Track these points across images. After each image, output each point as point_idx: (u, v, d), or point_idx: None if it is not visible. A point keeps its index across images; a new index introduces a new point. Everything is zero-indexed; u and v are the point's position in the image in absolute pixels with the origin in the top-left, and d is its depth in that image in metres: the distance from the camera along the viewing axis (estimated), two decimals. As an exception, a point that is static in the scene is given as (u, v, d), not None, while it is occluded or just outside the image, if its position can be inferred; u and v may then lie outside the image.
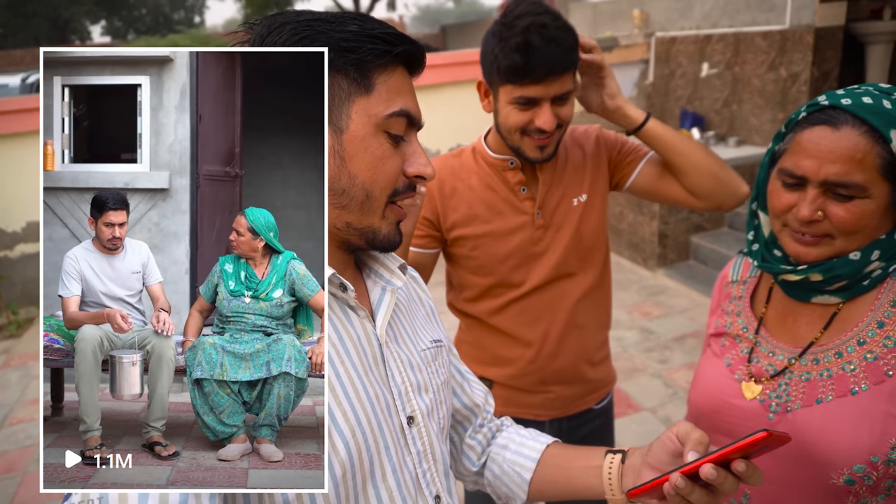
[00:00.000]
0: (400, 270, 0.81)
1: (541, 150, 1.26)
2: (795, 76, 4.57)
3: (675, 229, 4.57)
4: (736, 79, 5.07)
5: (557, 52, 1.16)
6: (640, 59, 6.06)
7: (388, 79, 0.70)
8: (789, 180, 0.90)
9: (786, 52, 4.60)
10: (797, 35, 4.50)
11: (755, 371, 0.99)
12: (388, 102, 0.70)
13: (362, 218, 0.72)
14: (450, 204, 1.35)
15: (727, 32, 5.09)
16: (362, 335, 0.74)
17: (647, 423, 2.94)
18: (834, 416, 0.88)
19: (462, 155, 1.41)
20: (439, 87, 5.59)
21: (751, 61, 4.90)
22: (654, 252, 4.58)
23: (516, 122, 1.23)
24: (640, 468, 0.79)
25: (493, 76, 1.24)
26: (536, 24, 1.15)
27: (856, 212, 0.85)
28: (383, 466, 0.72)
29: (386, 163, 0.71)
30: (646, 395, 3.13)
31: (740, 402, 0.98)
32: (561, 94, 1.21)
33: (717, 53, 5.21)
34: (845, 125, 0.84)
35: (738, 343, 1.04)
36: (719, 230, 4.66)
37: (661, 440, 0.78)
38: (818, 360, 0.93)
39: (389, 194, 0.72)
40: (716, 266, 4.40)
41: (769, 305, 1.03)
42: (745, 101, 5.03)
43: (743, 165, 4.62)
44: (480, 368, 1.43)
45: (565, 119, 1.25)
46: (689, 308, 4.08)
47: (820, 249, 0.89)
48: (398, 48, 0.69)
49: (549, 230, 1.36)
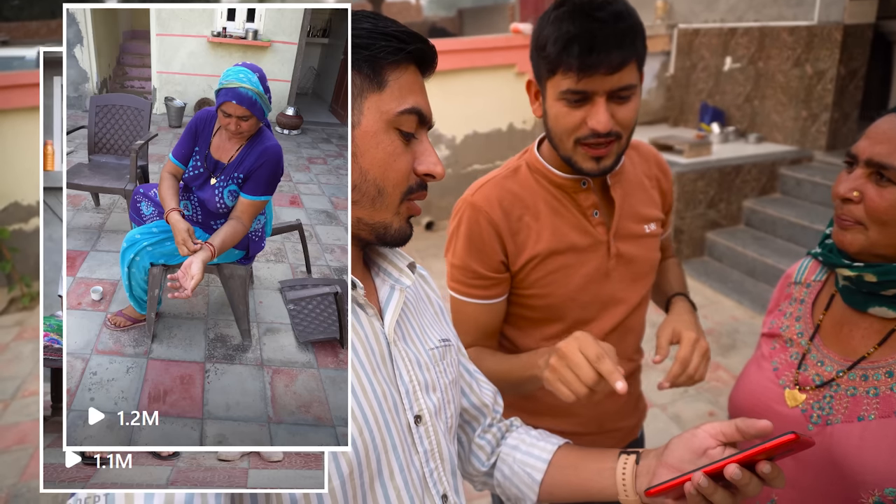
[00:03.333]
0: (409, 269, 0.81)
1: (597, 162, 1.05)
2: (821, 74, 4.49)
3: (692, 225, 4.52)
4: (759, 74, 4.99)
5: (620, 34, 0.96)
6: (661, 50, 5.97)
7: (400, 76, 0.70)
8: (847, 160, 0.90)
9: (812, 48, 4.51)
10: (825, 31, 4.41)
11: (801, 379, 0.97)
12: (400, 100, 0.70)
13: (374, 213, 0.72)
14: (519, 239, 1.12)
15: (752, 26, 5.00)
16: (370, 333, 0.74)
17: (658, 419, 2.93)
18: (874, 435, 0.86)
19: (518, 174, 1.16)
20: (456, 73, 5.54)
21: (775, 57, 4.81)
22: (669, 247, 4.54)
23: (566, 125, 1.03)
24: (655, 468, 0.78)
25: (541, 68, 1.05)
26: (596, 1, 0.97)
27: (890, 199, 0.83)
28: (391, 465, 0.72)
29: (397, 160, 0.71)
30: (657, 392, 3.11)
31: (782, 408, 0.97)
32: (619, 88, 0.99)
33: (741, 47, 5.12)
34: None
35: (788, 347, 1.02)
36: (735, 227, 4.61)
37: (682, 438, 0.76)
38: (867, 376, 0.90)
39: (403, 192, 0.73)
40: (730, 263, 4.36)
41: (827, 313, 1.00)
42: (767, 97, 4.95)
43: (762, 163, 4.56)
44: (526, 418, 1.20)
45: (625, 121, 1.03)
46: (702, 305, 4.05)
47: (853, 235, 0.88)
48: (410, 46, 0.70)
49: (622, 261, 1.17)
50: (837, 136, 4.58)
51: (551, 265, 1.13)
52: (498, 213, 1.11)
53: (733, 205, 4.60)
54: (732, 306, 3.98)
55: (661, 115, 6.20)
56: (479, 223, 1.11)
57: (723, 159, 4.56)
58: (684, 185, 4.40)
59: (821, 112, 4.56)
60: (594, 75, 0.98)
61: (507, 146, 5.98)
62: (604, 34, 0.95)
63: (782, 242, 4.26)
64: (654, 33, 5.89)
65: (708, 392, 3.10)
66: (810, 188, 4.39)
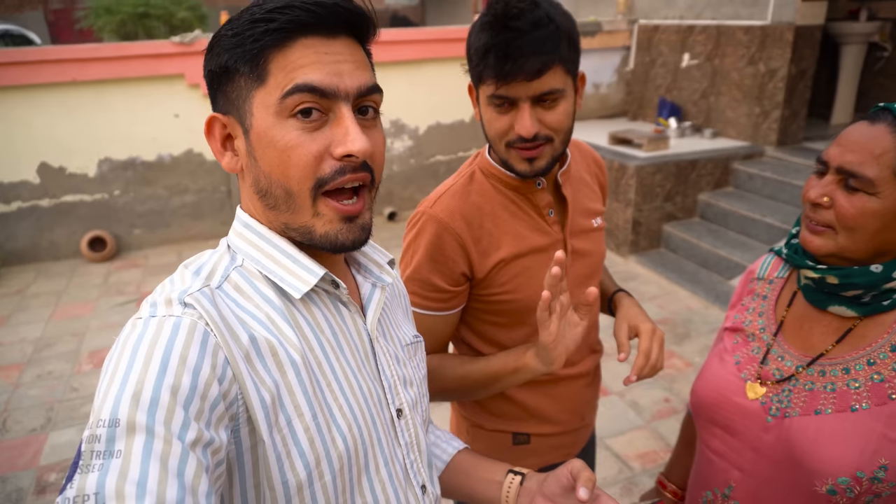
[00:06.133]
0: (389, 266, 0.82)
1: (529, 163, 1.06)
2: (773, 72, 4.65)
3: (649, 217, 4.65)
4: (715, 71, 5.14)
5: (536, 42, 0.97)
6: (622, 45, 6.07)
7: (284, 59, 0.63)
8: (818, 167, 0.93)
9: (766, 47, 4.67)
10: (778, 31, 4.56)
11: (763, 373, 1.00)
12: (283, 84, 0.63)
13: (294, 217, 0.68)
14: (482, 247, 1.12)
15: (710, 24, 5.14)
16: (353, 330, 0.75)
17: (616, 406, 3.02)
18: (830, 428, 0.89)
19: (474, 181, 1.16)
20: (419, 64, 5.53)
21: (731, 54, 4.96)
22: (627, 239, 4.65)
23: (497, 129, 1.05)
24: (534, 495, 0.85)
25: (472, 75, 1.07)
26: (512, 11, 0.98)
27: (858, 206, 0.86)
28: (376, 459, 0.74)
29: (295, 151, 0.64)
30: (614, 379, 3.21)
31: (742, 400, 1.00)
32: (543, 93, 1.00)
33: (699, 44, 5.26)
34: (882, 122, 0.86)
35: (751, 342, 1.05)
36: (691, 220, 4.76)
37: (556, 474, 0.83)
38: (825, 372, 0.94)
39: (312, 186, 0.65)
40: (685, 255, 4.51)
41: (790, 310, 1.03)
42: (722, 93, 5.11)
43: (717, 157, 4.71)
44: (514, 424, 1.27)
45: (554, 125, 1.03)
46: (658, 295, 4.17)
47: (822, 240, 0.90)
48: (277, 21, 0.62)
49: (577, 257, 1.20)
50: (787, 133, 4.76)
51: (516, 268, 1.14)
52: (460, 224, 1.10)
53: (689, 198, 4.74)
54: (687, 296, 4.11)
55: (620, 108, 6.32)
56: (441, 237, 1.09)
57: (679, 153, 4.69)
58: (643, 179, 4.51)
59: (772, 109, 4.73)
60: (513, 82, 0.99)
61: (471, 137, 6.00)
62: (518, 43, 0.96)
63: (734, 235, 4.41)
64: (615, 28, 5.98)
65: (663, 379, 3.21)
66: (761, 182, 4.55)
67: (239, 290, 0.68)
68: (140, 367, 0.56)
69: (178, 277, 0.67)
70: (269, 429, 0.63)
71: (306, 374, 0.67)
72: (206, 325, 0.61)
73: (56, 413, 3.06)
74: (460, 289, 1.13)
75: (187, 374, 0.57)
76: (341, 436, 0.68)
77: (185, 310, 0.61)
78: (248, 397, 0.62)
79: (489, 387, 1.13)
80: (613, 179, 4.70)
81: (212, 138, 0.70)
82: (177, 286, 0.65)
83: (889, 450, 0.85)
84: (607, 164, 4.73)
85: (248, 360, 0.63)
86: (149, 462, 0.51)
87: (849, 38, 5.18)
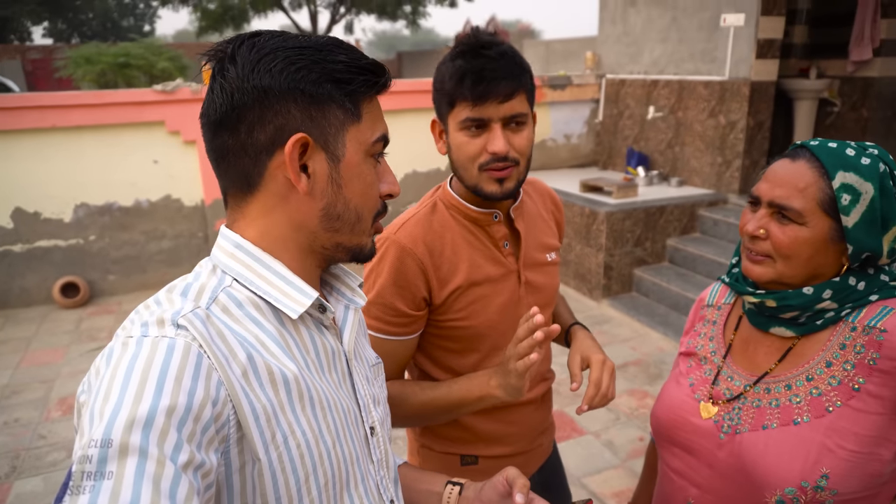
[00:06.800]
0: (359, 288, 0.86)
1: (500, 184, 1.14)
2: (733, 124, 4.91)
3: (620, 262, 4.78)
4: (679, 123, 5.40)
5: (505, 68, 1.09)
6: (591, 97, 6.35)
7: (370, 105, 0.74)
8: (750, 200, 1.02)
9: (725, 101, 4.94)
10: (735, 86, 4.85)
11: (714, 393, 1.06)
12: (373, 128, 0.74)
13: (353, 238, 0.76)
14: (441, 273, 1.18)
15: (672, 79, 5.43)
16: (334, 352, 0.78)
17: (591, 446, 3.05)
18: (775, 441, 0.95)
19: (437, 211, 1.23)
20: (397, 114, 5.69)
21: (693, 107, 5.23)
22: (600, 283, 4.77)
23: (468, 153, 1.13)
24: (472, 502, 0.91)
25: (442, 104, 1.16)
26: (483, 42, 1.11)
27: (791, 235, 0.95)
28: (355, 475, 0.77)
29: (374, 186, 0.76)
30: (590, 420, 3.25)
31: (697, 420, 1.06)
32: (512, 115, 1.11)
33: (663, 98, 5.54)
34: (801, 159, 0.96)
35: (703, 364, 1.12)
36: (660, 264, 4.91)
37: (492, 482, 0.90)
38: (770, 389, 1.00)
39: (375, 215, 0.78)
40: (656, 298, 4.62)
41: (737, 333, 1.10)
42: (687, 143, 5.35)
43: (683, 204, 4.90)
44: (461, 447, 1.32)
45: (520, 148, 1.13)
46: (631, 337, 4.26)
47: (763, 268, 0.99)
48: (381, 79, 0.74)
49: (531, 289, 1.27)
50: (748, 181, 5.00)
51: (471, 296, 1.20)
52: (422, 251, 1.16)
53: (658, 243, 4.90)
54: (659, 338, 4.20)
55: (591, 158, 6.55)
56: (404, 262, 1.15)
57: (648, 200, 4.87)
58: (613, 225, 4.66)
59: (733, 159, 4.97)
60: (486, 103, 1.09)
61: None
62: (492, 67, 1.08)
63: (701, 278, 4.56)
64: (584, 82, 6.27)
65: (637, 419, 3.25)
66: (725, 228, 4.74)
67: (227, 312, 0.68)
68: (135, 388, 0.56)
69: (165, 299, 0.67)
70: (265, 446, 0.65)
71: (297, 392, 0.69)
72: (200, 348, 0.61)
73: (22, 461, 2.98)
74: (420, 313, 1.18)
75: (182, 395, 0.57)
76: (327, 452, 0.71)
77: (179, 331, 0.61)
78: (244, 416, 0.63)
79: (450, 413, 1.19)
80: (585, 225, 4.84)
81: (292, 157, 0.69)
82: (166, 307, 0.65)
83: (829, 459, 0.90)
84: (578, 210, 4.88)
85: (245, 378, 0.64)
86: (141, 484, 0.51)
87: (801, 94, 5.51)
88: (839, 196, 0.92)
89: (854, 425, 0.91)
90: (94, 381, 0.59)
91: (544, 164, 6.37)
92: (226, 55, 0.69)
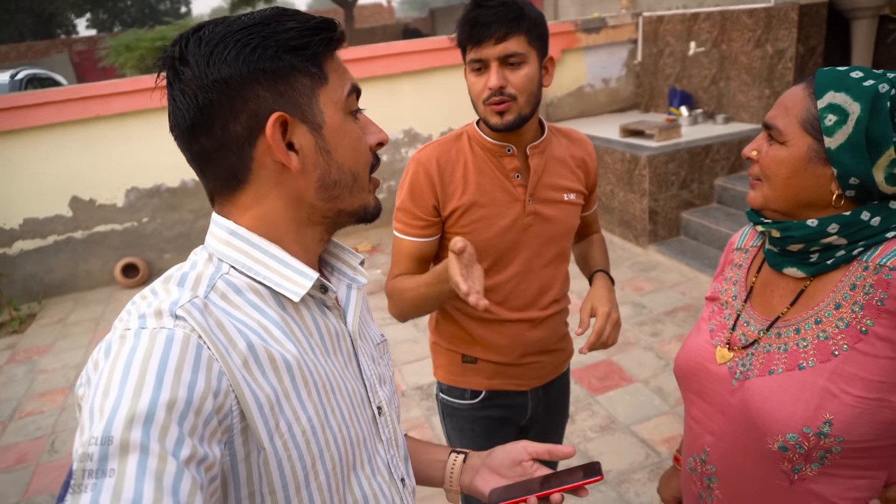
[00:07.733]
0: (360, 266, 0.84)
1: (500, 116, 1.29)
2: (781, 53, 4.62)
3: (666, 206, 4.64)
4: (723, 56, 5.12)
5: (500, 13, 1.22)
6: (628, 39, 6.09)
7: (332, 63, 0.71)
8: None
9: (771, 29, 4.64)
10: (782, 12, 4.54)
11: (732, 339, 1.04)
12: (342, 84, 0.72)
13: (353, 200, 0.75)
14: (449, 190, 1.37)
15: (713, 11, 5.13)
16: (338, 333, 0.77)
17: (640, 393, 3.03)
18: (779, 387, 0.92)
19: (460, 140, 1.42)
20: (429, 72, 5.62)
21: (737, 39, 4.95)
22: (645, 229, 4.66)
23: (475, 90, 1.30)
24: (478, 468, 0.93)
25: (459, 46, 1.32)
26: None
27: (772, 155, 0.94)
28: (362, 456, 0.76)
29: (361, 141, 0.74)
30: (639, 368, 3.23)
31: (712, 366, 1.04)
32: (506, 55, 1.24)
33: (704, 32, 5.25)
34: (803, 83, 0.94)
35: (724, 310, 1.09)
36: (709, 206, 4.74)
37: (505, 449, 0.92)
38: (780, 333, 0.97)
39: (369, 169, 0.76)
40: (706, 241, 4.49)
41: (758, 276, 1.07)
42: (732, 78, 5.09)
43: (731, 142, 4.69)
44: (462, 347, 1.51)
45: (518, 84, 1.27)
46: (680, 282, 4.16)
47: (755, 192, 0.98)
48: (336, 32, 0.71)
49: (539, 219, 1.41)
50: (801, 112, 4.72)
51: (475, 214, 1.37)
52: (434, 167, 1.37)
53: (705, 184, 4.72)
54: (708, 281, 4.09)
55: (631, 101, 6.33)
56: (418, 173, 1.37)
57: (692, 140, 4.69)
58: (656, 168, 4.51)
59: (783, 90, 4.69)
60: (482, 45, 1.25)
61: (484, 141, 6.06)
62: (486, 13, 1.24)
63: (754, 218, 4.38)
64: (620, 23, 6.00)
65: (687, 365, 3.21)
66: (777, 164, 4.52)
67: (226, 300, 0.67)
68: (134, 382, 0.54)
69: (162, 289, 0.65)
70: (270, 435, 0.64)
71: (301, 378, 0.68)
72: (199, 338, 0.60)
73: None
74: (433, 219, 1.39)
75: (182, 389, 0.56)
76: (333, 436, 0.70)
77: (177, 322, 0.60)
78: (247, 405, 0.62)
79: (436, 297, 1.29)
80: (627, 171, 4.71)
81: (276, 140, 0.66)
82: (163, 298, 0.63)
83: (832, 405, 0.87)
84: (619, 156, 4.74)
85: (246, 367, 0.63)
86: (143, 481, 0.50)
87: (858, 13, 5.11)
88: (824, 116, 0.88)
89: (861, 370, 0.86)
90: (93, 374, 0.58)
91: (583, 112, 6.19)
92: (175, 58, 0.66)
